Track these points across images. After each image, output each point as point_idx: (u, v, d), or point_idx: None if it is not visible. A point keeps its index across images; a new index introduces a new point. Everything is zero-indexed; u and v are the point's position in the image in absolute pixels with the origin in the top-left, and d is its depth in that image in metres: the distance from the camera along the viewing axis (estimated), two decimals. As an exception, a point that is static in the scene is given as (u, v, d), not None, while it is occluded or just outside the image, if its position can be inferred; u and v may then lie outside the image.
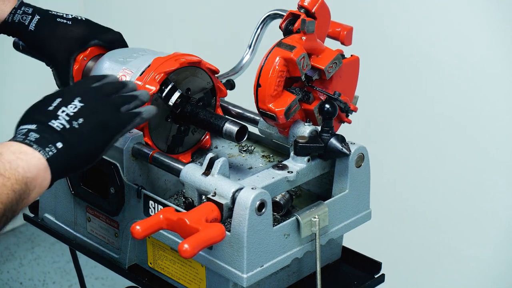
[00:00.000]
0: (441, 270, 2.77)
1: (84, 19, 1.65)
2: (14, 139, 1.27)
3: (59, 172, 1.27)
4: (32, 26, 1.57)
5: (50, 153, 1.26)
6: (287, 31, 1.53)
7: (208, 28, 3.12)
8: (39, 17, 1.57)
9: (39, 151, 1.25)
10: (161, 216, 1.36)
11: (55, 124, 1.28)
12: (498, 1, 2.44)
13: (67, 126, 1.28)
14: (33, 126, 1.28)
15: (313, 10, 1.51)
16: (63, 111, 1.30)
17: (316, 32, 1.52)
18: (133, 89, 1.42)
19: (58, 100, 1.32)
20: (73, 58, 1.62)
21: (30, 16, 1.57)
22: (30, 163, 1.23)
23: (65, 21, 1.62)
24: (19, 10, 1.57)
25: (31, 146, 1.25)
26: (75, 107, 1.30)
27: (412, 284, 2.85)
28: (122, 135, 1.37)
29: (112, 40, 1.65)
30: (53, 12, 1.63)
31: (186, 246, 1.29)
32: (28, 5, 1.59)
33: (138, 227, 1.34)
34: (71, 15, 1.64)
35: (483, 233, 2.66)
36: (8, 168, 1.21)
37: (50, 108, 1.30)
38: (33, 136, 1.26)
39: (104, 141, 1.33)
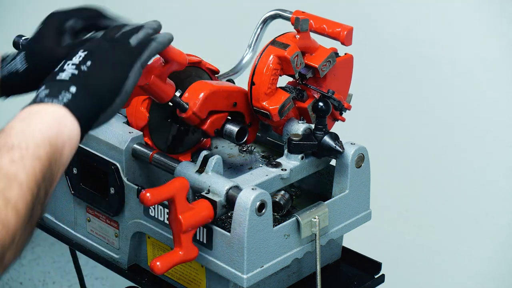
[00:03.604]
0: (441, 270, 2.77)
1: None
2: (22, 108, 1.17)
3: (85, 118, 1.17)
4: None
5: (65, 99, 1.15)
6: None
7: (208, 28, 3.11)
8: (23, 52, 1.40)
9: (52, 101, 1.15)
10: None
11: (62, 76, 1.19)
12: (498, 1, 2.44)
13: (76, 72, 1.19)
14: (41, 88, 1.18)
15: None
16: (68, 64, 1.21)
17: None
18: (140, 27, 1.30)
19: (63, 61, 1.23)
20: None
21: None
22: (46, 119, 1.12)
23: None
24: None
25: (42, 102, 1.15)
26: (80, 56, 1.22)
27: (412, 284, 2.85)
28: (143, 65, 1.26)
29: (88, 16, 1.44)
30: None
31: (158, 263, 1.34)
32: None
33: (148, 194, 1.32)
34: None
35: (483, 233, 2.66)
36: (22, 138, 1.09)
37: (56, 69, 1.22)
38: (43, 93, 1.16)
39: (120, 75, 1.22)
